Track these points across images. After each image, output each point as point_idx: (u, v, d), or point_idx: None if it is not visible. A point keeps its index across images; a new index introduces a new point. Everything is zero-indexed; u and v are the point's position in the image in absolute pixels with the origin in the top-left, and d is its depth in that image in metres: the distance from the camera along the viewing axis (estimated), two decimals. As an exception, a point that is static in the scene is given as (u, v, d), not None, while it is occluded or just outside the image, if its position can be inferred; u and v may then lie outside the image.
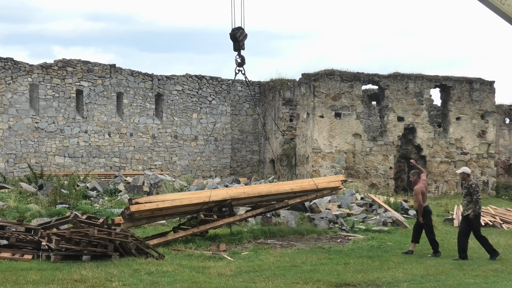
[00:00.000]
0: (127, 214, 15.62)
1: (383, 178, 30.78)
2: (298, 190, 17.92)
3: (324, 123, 30.22)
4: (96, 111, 32.90)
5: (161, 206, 15.85)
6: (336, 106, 30.40)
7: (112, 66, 33.52)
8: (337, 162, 29.91)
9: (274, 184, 18.82)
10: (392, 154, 31.08)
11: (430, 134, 31.55)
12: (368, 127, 33.82)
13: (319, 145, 30.10)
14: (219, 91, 35.84)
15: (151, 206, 15.71)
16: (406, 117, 31.29)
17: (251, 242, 16.50)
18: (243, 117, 37.23)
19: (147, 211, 15.70)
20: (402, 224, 19.89)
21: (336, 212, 20.49)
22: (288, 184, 18.57)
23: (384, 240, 17.28)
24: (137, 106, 33.99)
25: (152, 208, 15.71)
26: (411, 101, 31.36)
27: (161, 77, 34.90)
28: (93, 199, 21.95)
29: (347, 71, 30.91)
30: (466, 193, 14.89)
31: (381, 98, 31.89)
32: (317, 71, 30.74)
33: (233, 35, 15.26)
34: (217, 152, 36.07)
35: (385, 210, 21.55)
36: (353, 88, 30.63)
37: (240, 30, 15.28)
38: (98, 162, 32.88)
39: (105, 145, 33.13)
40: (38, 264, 12.72)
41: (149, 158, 34.26)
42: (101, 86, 33.05)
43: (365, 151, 30.67)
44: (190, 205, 16.36)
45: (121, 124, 33.58)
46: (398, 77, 31.47)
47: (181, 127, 35.19)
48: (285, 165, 33.81)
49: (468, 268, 13.42)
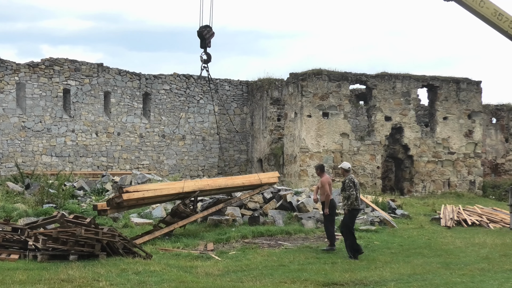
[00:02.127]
0: (117, 202, 16.09)
1: (371, 177, 30.87)
2: (247, 184, 19.00)
3: (312, 122, 30.26)
4: (84, 110, 32.79)
5: (147, 195, 16.68)
6: (324, 106, 30.44)
7: (100, 65, 33.42)
8: (325, 162, 29.94)
9: (229, 178, 19.57)
10: (380, 153, 31.17)
11: (417, 134, 31.67)
12: (356, 127, 33.89)
13: (307, 144, 30.14)
14: (207, 91, 35.82)
15: (138, 195, 16.50)
16: (394, 117, 31.39)
17: (239, 242, 16.51)
18: (231, 116, 37.19)
19: (134, 200, 16.49)
20: (390, 224, 19.95)
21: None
22: (239, 179, 19.53)
23: (371, 240, 17.33)
24: (125, 105, 33.90)
25: (139, 197, 16.51)
26: (399, 101, 31.47)
27: (148, 76, 34.83)
28: (80, 198, 21.88)
29: (335, 70, 30.97)
30: (341, 188, 15.19)
31: (369, 98, 31.97)
32: (305, 71, 30.78)
33: (200, 33, 15.91)
34: (205, 151, 36.05)
35: (372, 209, 21.60)
36: (340, 87, 30.69)
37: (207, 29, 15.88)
38: (85, 162, 32.77)
39: (93, 145, 33.02)
40: (25, 264, 12.66)
41: (137, 158, 34.18)
42: (88, 85, 32.94)
43: (352, 150, 30.74)
44: (168, 195, 17.41)
45: (109, 123, 33.48)
46: (385, 76, 31.56)
47: (169, 126, 35.13)
48: (273, 165, 33.82)
49: (455, 267, 13.49)
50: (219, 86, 36.81)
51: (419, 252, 15.62)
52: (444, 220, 21.46)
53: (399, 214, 22.20)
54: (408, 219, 21.74)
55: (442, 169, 31.96)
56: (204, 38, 15.97)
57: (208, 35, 15.93)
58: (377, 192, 27.81)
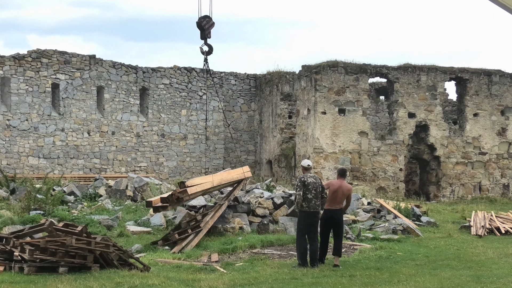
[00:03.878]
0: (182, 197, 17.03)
1: (393, 180, 30.80)
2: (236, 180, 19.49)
3: (327, 120, 30.22)
4: (74, 107, 32.86)
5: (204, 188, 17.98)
6: (340, 101, 30.40)
7: (92, 57, 33.48)
8: (341, 163, 29.89)
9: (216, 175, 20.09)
10: (403, 154, 31.09)
11: (444, 132, 31.57)
12: (376, 125, 33.84)
13: (321, 144, 30.10)
14: (211, 85, 35.83)
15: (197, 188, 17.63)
16: (418, 113, 31.31)
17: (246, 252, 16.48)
18: (237, 113, 37.21)
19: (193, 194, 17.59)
20: (414, 232, 19.89)
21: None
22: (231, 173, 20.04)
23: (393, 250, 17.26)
24: (120, 101, 33.96)
25: (198, 190, 17.65)
26: (424, 96, 31.39)
27: (146, 69, 34.88)
28: (70, 204, 21.90)
29: (352, 62, 30.93)
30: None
31: (390, 92, 31.91)
32: (319, 63, 30.75)
33: (198, 24, 16.07)
34: (209, 152, 36.06)
35: (394, 216, 21.53)
36: (358, 81, 30.64)
37: (206, 19, 16.05)
38: (76, 164, 32.83)
39: (84, 145, 33.08)
40: (11, 276, 12.67)
41: (133, 159, 34.23)
42: (79, 79, 33.00)
43: (372, 151, 30.68)
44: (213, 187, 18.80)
45: (102, 122, 33.53)
46: (409, 69, 31.49)
47: (169, 124, 35.16)
48: (284, 167, 33.81)
49: (486, 280, 13.42)
50: (223, 80, 36.84)
51: (447, 264, 15.54)
52: (475, 228, 21.36)
53: (424, 221, 22.13)
54: (435, 227, 21.67)
55: (472, 171, 31.85)
56: (204, 29, 16.15)
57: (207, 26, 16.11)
58: (400, 197, 27.74)
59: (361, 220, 21.19)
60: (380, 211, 22.44)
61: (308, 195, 14.57)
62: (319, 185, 14.77)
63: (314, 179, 14.79)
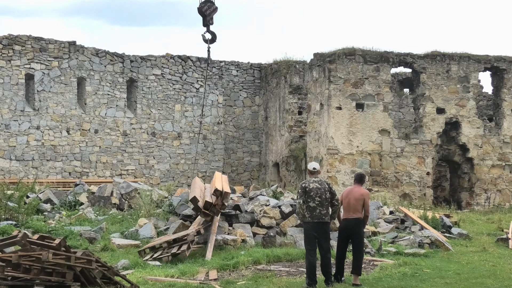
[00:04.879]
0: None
1: (419, 186, 30.76)
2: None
3: (343, 116, 30.19)
4: (51, 102, 32.88)
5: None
6: (358, 95, 30.37)
7: (72, 44, 33.50)
8: (359, 166, 29.86)
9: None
10: (430, 156, 31.05)
11: (478, 131, 31.53)
12: (399, 122, 33.80)
13: (336, 144, 30.08)
14: (209, 76, 35.83)
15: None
16: (448, 109, 31.26)
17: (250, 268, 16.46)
18: (239, 109, 37.20)
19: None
20: (444, 246, 19.85)
21: (358, 230, 20.42)
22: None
23: (419, 267, 17.22)
24: (104, 94, 33.98)
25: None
26: (454, 88, 31.34)
27: (134, 57, 34.90)
28: (47, 214, 21.89)
29: (372, 50, 30.90)
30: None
31: (416, 84, 31.86)
32: (334, 50, 30.72)
33: (199, 9, 16.18)
34: (206, 153, 36.07)
35: (421, 227, 21.50)
36: (379, 71, 30.61)
37: (207, 4, 16.16)
38: (53, 167, 32.85)
39: (63, 145, 33.11)
40: (-23, 297, 12.67)
41: (119, 162, 34.25)
42: (57, 69, 33.02)
43: (395, 152, 30.65)
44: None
45: (83, 118, 33.55)
46: (437, 57, 31.44)
47: (161, 121, 35.17)
48: (293, 170, 33.79)
49: (527, 301, 13.38)
50: (224, 71, 36.86)
51: (481, 283, 15.51)
52: (514, 241, 21.31)
53: (455, 233, 22.09)
54: (467, 240, 21.62)
55: (510, 175, 31.78)
56: (205, 15, 16.28)
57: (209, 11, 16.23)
58: (427, 205, 27.68)
59: (382, 232, 21.15)
60: (404, 222, 22.40)
61: (311, 203, 14.31)
62: (326, 190, 14.46)
63: (319, 184, 14.49)
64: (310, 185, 14.39)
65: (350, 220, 15.05)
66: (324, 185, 14.52)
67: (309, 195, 14.35)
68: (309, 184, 14.40)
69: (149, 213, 21.01)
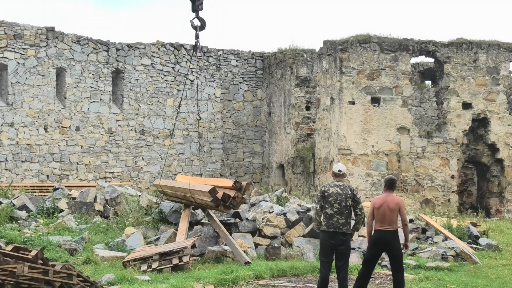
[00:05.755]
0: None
1: (442, 191, 30.76)
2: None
3: (356, 112, 30.19)
4: (27, 95, 32.89)
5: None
6: (373, 88, 30.38)
7: (50, 30, 33.51)
8: (375, 169, 29.88)
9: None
10: (455, 156, 31.05)
11: (510, 128, 31.52)
12: (420, 118, 33.81)
13: (348, 143, 30.08)
14: (205, 67, 35.85)
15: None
16: (475, 103, 31.26)
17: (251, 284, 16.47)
18: (239, 103, 37.21)
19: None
20: (470, 259, 19.85)
21: (373, 240, 20.44)
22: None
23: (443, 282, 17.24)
24: (86, 87, 33.99)
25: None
26: (482, 80, 31.34)
27: (121, 45, 34.91)
28: (22, 222, 21.90)
29: (390, 37, 30.88)
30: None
31: (439, 76, 31.87)
32: (346, 38, 30.72)
33: None
34: (202, 153, 36.05)
35: (444, 237, 21.51)
36: (397, 61, 30.61)
37: None
38: (29, 169, 32.87)
39: (40, 144, 33.12)
40: None
41: (104, 163, 34.26)
42: (33, 58, 33.04)
43: (415, 152, 30.65)
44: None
45: (63, 114, 33.57)
46: (463, 45, 31.44)
47: (150, 118, 35.19)
48: (300, 173, 33.79)
49: None
50: (222, 61, 36.85)
51: (512, 300, 15.54)
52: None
53: (483, 244, 22.09)
54: (497, 252, 21.63)
55: (545, 179, 31.82)
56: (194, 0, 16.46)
57: None
58: (452, 213, 27.70)
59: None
60: (426, 231, 22.40)
61: (328, 210, 14.05)
62: (348, 197, 14.11)
63: (341, 189, 14.14)
64: (330, 189, 14.11)
65: (387, 232, 14.69)
66: (347, 191, 14.16)
67: (327, 200, 14.06)
68: (329, 188, 14.12)
69: (137, 221, 21.00)
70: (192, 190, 18.81)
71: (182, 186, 19.48)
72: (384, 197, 14.73)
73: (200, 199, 18.76)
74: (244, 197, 18.72)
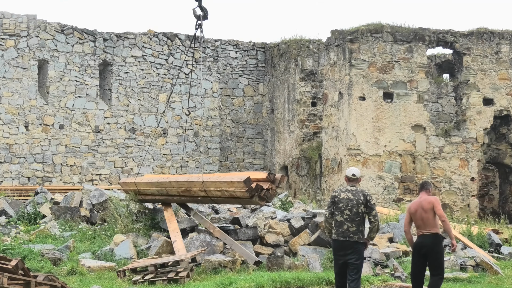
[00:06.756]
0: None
1: (461, 195, 30.77)
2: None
3: (367, 108, 30.21)
4: (6, 90, 32.93)
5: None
6: (386, 82, 30.39)
7: (31, 18, 33.55)
8: (387, 171, 29.89)
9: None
10: (476, 157, 31.06)
11: (535, 126, 31.58)
12: (437, 115, 33.81)
13: (359, 143, 30.10)
14: (202, 59, 35.84)
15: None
16: (498, 99, 31.28)
17: (252, 297, 16.51)
18: (239, 99, 37.24)
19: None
20: (491, 269, 19.88)
21: (386, 249, 20.45)
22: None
23: (462, 294, 17.29)
24: (71, 81, 34.02)
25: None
26: (505, 74, 31.35)
27: (109, 35, 34.93)
28: (1, 229, 21.96)
29: (404, 26, 30.89)
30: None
31: (458, 69, 31.89)
32: (356, 27, 30.74)
33: None
34: (198, 154, 36.09)
35: (463, 246, 21.54)
36: (412, 52, 30.64)
37: None
38: (8, 171, 32.91)
39: (20, 144, 33.16)
40: None
41: (90, 164, 34.29)
42: (13, 49, 33.07)
43: (431, 152, 30.66)
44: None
45: (46, 110, 33.60)
46: (484, 35, 31.45)
47: (141, 115, 35.21)
48: (305, 175, 33.81)
49: None
50: (220, 52, 36.89)
51: (537, 314, 15.58)
52: None
53: (506, 253, 22.11)
54: (521, 262, 21.67)
55: None
56: None
57: None
58: (472, 219, 27.72)
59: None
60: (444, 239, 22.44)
61: (338, 217, 14.03)
62: (360, 203, 14.01)
63: (352, 194, 14.05)
64: (341, 194, 14.04)
65: (427, 236, 14.75)
66: (359, 196, 14.04)
67: (337, 206, 14.03)
68: (340, 194, 14.05)
69: (127, 228, 21.01)
70: (208, 183, 18.85)
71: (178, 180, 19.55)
72: (418, 200, 14.81)
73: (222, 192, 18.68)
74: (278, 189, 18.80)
